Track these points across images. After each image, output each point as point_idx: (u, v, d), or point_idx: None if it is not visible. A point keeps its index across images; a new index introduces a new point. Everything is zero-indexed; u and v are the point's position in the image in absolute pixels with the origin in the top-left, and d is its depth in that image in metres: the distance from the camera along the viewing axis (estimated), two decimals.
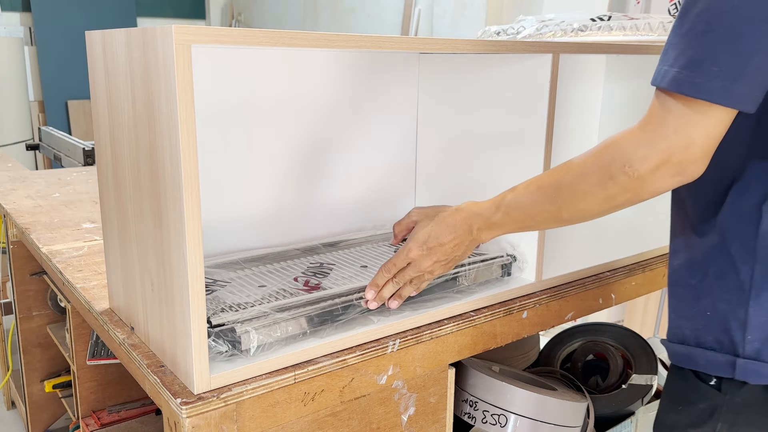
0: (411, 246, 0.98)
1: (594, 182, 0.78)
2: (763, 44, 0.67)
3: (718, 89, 0.68)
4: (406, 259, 0.98)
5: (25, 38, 5.42)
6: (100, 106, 0.98)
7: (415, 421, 1.05)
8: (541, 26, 1.91)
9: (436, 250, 0.97)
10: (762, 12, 0.66)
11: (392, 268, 0.99)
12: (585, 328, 1.73)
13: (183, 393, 0.82)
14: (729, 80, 0.68)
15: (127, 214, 0.95)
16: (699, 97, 0.69)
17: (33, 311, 1.86)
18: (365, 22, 4.88)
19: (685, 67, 0.69)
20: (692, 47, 0.69)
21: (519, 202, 0.89)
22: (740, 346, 0.80)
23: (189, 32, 0.72)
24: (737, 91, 0.68)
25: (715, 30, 0.68)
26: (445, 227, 0.96)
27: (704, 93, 0.69)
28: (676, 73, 0.70)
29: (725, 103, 0.69)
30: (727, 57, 0.67)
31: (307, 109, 1.27)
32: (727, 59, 0.67)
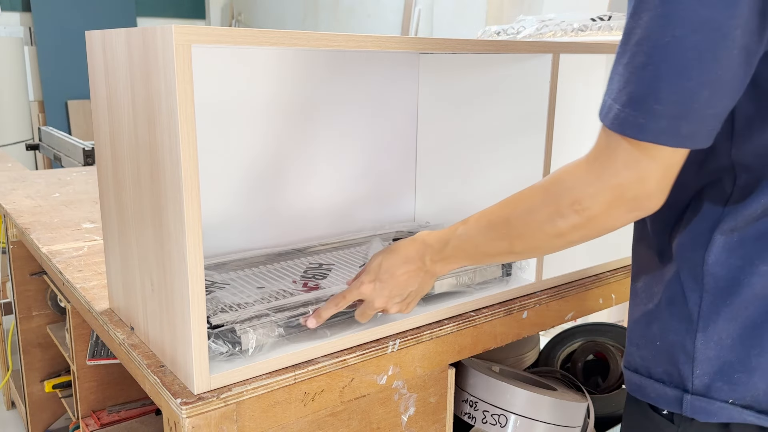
0: (363, 279, 0.92)
1: (543, 219, 0.73)
2: (712, 75, 0.59)
3: (664, 129, 0.61)
4: (357, 294, 0.92)
5: (25, 38, 5.42)
6: (99, 106, 0.98)
7: (415, 421, 1.05)
8: (541, 26, 1.91)
9: (388, 282, 0.90)
10: (707, 39, 0.58)
11: (341, 302, 0.93)
12: (585, 328, 1.73)
13: (183, 393, 0.82)
14: (675, 119, 0.61)
15: (127, 214, 0.95)
16: (643, 139, 0.62)
17: (33, 311, 1.86)
18: (365, 22, 4.88)
19: (627, 105, 0.62)
20: (632, 82, 0.62)
21: (470, 236, 0.84)
22: (689, 381, 0.73)
23: (189, 32, 0.72)
24: (686, 129, 0.62)
25: (655, 63, 0.60)
26: (397, 257, 0.90)
27: (648, 134, 0.62)
28: (618, 111, 0.63)
29: (673, 144, 0.62)
30: (671, 93, 0.60)
31: (307, 109, 1.27)
32: (672, 96, 0.60)
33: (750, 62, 0.61)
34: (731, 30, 0.58)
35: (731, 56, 0.59)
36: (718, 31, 0.58)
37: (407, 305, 0.94)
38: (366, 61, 1.32)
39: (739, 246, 0.69)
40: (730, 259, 0.70)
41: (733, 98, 0.62)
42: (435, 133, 1.40)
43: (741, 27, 0.58)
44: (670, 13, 0.59)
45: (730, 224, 0.70)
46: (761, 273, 0.68)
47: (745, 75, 0.62)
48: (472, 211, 1.31)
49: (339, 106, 1.31)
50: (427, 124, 1.41)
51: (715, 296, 0.71)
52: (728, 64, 0.59)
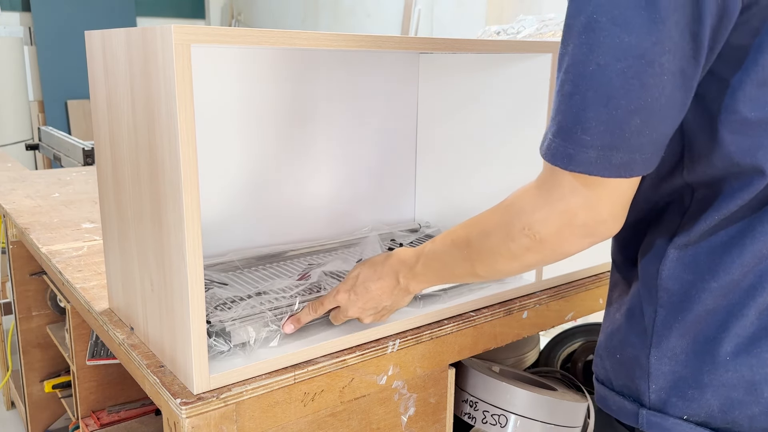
0: (340, 288, 0.93)
1: (497, 242, 0.72)
2: (641, 102, 0.57)
3: (593, 160, 0.59)
4: (333, 302, 0.94)
5: (25, 38, 5.42)
6: (99, 106, 0.98)
7: (415, 421, 1.05)
8: (542, 26, 1.91)
9: (363, 296, 0.91)
10: (632, 67, 0.56)
11: (319, 308, 0.94)
12: (585, 328, 1.72)
13: (183, 393, 0.82)
14: (605, 149, 0.59)
15: (127, 214, 0.95)
16: (574, 170, 0.61)
17: (33, 311, 1.86)
18: (365, 22, 4.88)
19: (557, 134, 0.61)
20: (561, 111, 0.61)
21: (437, 255, 0.84)
22: (645, 396, 0.73)
23: (188, 32, 0.72)
24: (617, 159, 0.59)
25: (582, 92, 0.58)
26: (373, 272, 0.91)
27: (579, 166, 0.60)
28: (550, 141, 0.62)
29: (606, 174, 0.60)
30: (600, 123, 0.58)
31: (306, 110, 1.27)
32: (600, 126, 0.58)
33: (688, 86, 0.59)
34: (657, 56, 0.56)
35: (661, 82, 0.57)
36: (643, 57, 0.56)
37: (381, 317, 0.95)
38: (366, 61, 1.32)
39: (692, 261, 0.68)
40: (684, 273, 0.69)
41: (671, 123, 0.60)
42: (435, 133, 1.40)
43: (670, 52, 0.56)
44: (593, 40, 0.57)
45: (684, 239, 0.69)
46: (712, 289, 0.67)
47: (685, 98, 0.60)
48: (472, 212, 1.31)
49: (339, 106, 1.31)
50: (427, 124, 1.41)
51: (668, 311, 0.70)
52: (659, 91, 0.57)
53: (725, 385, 0.67)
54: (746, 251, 0.65)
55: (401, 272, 0.89)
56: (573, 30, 0.59)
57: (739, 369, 0.66)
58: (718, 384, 0.67)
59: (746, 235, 0.66)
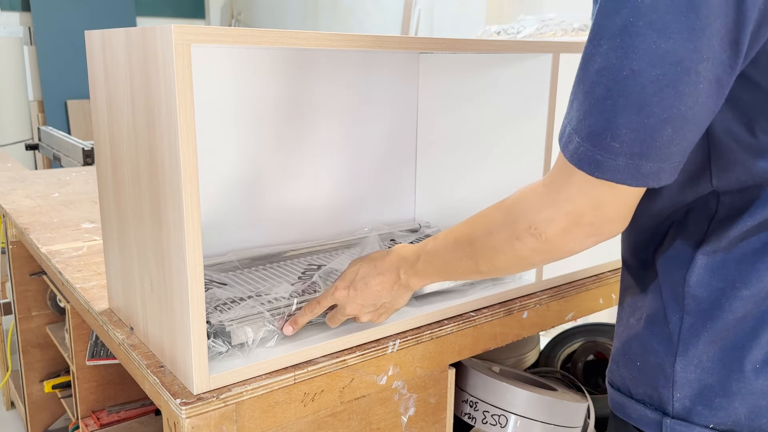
0: (338, 285, 0.92)
1: (502, 241, 0.72)
2: (674, 111, 0.56)
3: (621, 168, 0.59)
4: (332, 300, 0.92)
5: (25, 38, 5.42)
6: (99, 106, 0.98)
7: (415, 421, 1.05)
8: (542, 26, 1.91)
9: (362, 291, 0.90)
10: (668, 74, 0.55)
11: (316, 307, 0.93)
12: (585, 328, 1.73)
13: (182, 393, 0.82)
14: (635, 158, 0.58)
15: (127, 214, 0.95)
16: (600, 177, 0.60)
17: (32, 311, 1.85)
18: (365, 22, 4.88)
19: (587, 139, 0.60)
20: (593, 114, 0.59)
21: (439, 252, 0.83)
22: (669, 404, 0.71)
23: (188, 32, 0.72)
24: (646, 168, 0.59)
25: (614, 97, 0.57)
26: (373, 268, 0.90)
27: (606, 173, 0.60)
28: (578, 145, 0.61)
29: (632, 183, 0.60)
30: (630, 131, 0.57)
31: (306, 109, 1.26)
32: (631, 134, 0.57)
33: (721, 93, 0.58)
34: (694, 64, 0.55)
35: (696, 91, 0.56)
36: (680, 65, 0.55)
37: (379, 315, 0.94)
38: (366, 61, 1.32)
39: (721, 268, 0.67)
40: (713, 281, 0.67)
41: (701, 132, 0.60)
42: (435, 133, 1.40)
43: (708, 60, 0.55)
44: (628, 44, 0.56)
45: (714, 245, 0.67)
46: (743, 297, 0.66)
47: (715, 106, 0.58)
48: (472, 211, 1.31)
49: (339, 106, 1.31)
50: (427, 124, 1.41)
51: (695, 318, 0.69)
52: (693, 100, 0.56)
53: (754, 393, 0.66)
54: None
55: (402, 268, 0.88)
56: (607, 30, 0.57)
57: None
58: (747, 392, 0.66)
59: None
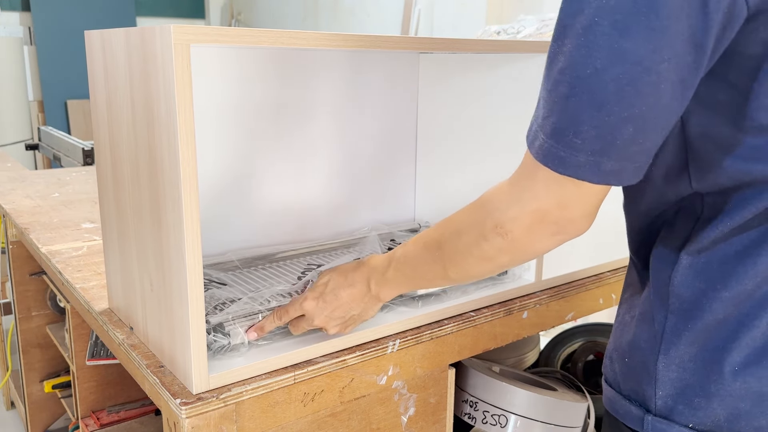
0: (307, 294, 0.91)
1: (470, 242, 0.72)
2: (635, 110, 0.56)
3: (583, 164, 0.59)
4: (300, 309, 0.91)
5: (25, 38, 5.42)
6: (99, 106, 0.98)
7: (415, 421, 1.05)
8: (542, 26, 1.91)
9: (331, 302, 0.89)
10: (628, 73, 0.55)
11: (284, 315, 0.91)
12: (585, 328, 1.72)
13: (182, 393, 0.82)
14: (596, 155, 0.59)
15: (126, 214, 0.95)
16: (563, 173, 0.61)
17: (32, 311, 1.85)
18: (365, 22, 4.88)
19: (550, 136, 0.61)
20: (555, 112, 0.60)
21: (408, 258, 0.83)
22: (651, 402, 0.72)
23: (187, 32, 0.72)
24: (607, 166, 0.59)
25: (577, 95, 0.57)
26: (344, 279, 0.89)
27: (568, 169, 0.60)
28: (542, 142, 0.62)
29: (594, 180, 0.60)
30: (592, 128, 0.58)
31: (306, 109, 1.26)
32: (592, 131, 0.58)
33: (686, 95, 0.58)
34: (655, 64, 0.55)
35: (657, 91, 0.56)
36: (640, 64, 0.55)
37: (346, 327, 0.93)
38: (366, 61, 1.32)
39: (704, 269, 0.67)
40: (695, 281, 0.68)
41: (664, 133, 0.60)
42: (435, 133, 1.40)
43: (669, 61, 0.55)
44: (591, 43, 0.56)
45: (697, 245, 0.68)
46: (723, 299, 0.66)
47: (680, 108, 0.59)
48: None
49: (339, 106, 1.31)
50: (427, 124, 1.41)
51: (678, 318, 0.69)
52: (654, 99, 0.56)
53: (732, 395, 0.66)
54: (761, 261, 0.64)
55: (372, 278, 0.87)
56: (571, 30, 0.58)
57: (748, 380, 0.65)
58: (725, 394, 0.66)
59: (761, 244, 0.64)
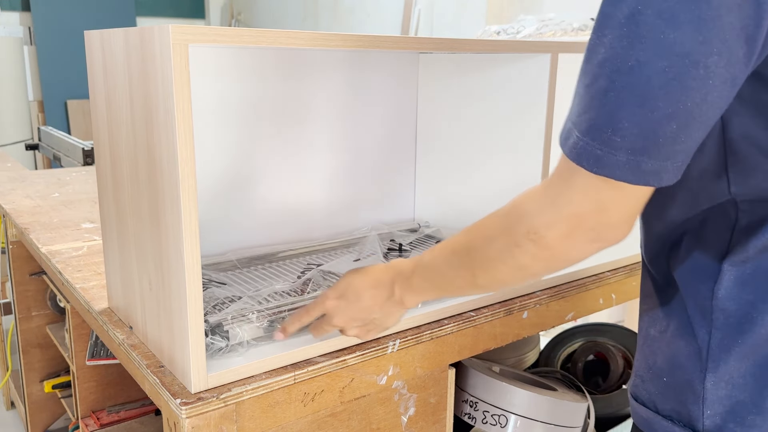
0: (328, 293, 0.87)
1: (501, 248, 0.68)
2: (680, 106, 0.53)
3: (622, 164, 0.55)
4: (321, 309, 0.88)
5: (25, 38, 5.42)
6: (98, 106, 0.98)
7: (415, 421, 1.05)
8: (541, 26, 1.91)
9: (353, 304, 0.85)
10: (675, 66, 0.51)
11: (305, 317, 0.89)
12: (585, 328, 1.72)
13: (182, 393, 0.82)
14: (636, 153, 0.55)
15: (126, 214, 0.95)
16: (599, 173, 0.57)
17: (32, 311, 1.85)
18: (365, 22, 4.88)
19: (586, 133, 0.57)
20: (593, 107, 0.56)
21: (435, 264, 0.79)
22: (699, 422, 0.68)
23: (186, 32, 0.72)
24: (647, 165, 0.55)
25: (617, 89, 0.54)
26: (368, 280, 0.85)
27: (605, 169, 0.56)
28: (577, 140, 0.58)
29: (632, 181, 0.56)
30: (633, 125, 0.54)
31: (305, 109, 1.26)
32: (633, 128, 0.54)
33: (732, 92, 0.55)
34: (703, 57, 0.51)
35: (705, 87, 0.52)
36: (687, 57, 0.51)
37: (367, 332, 0.89)
38: (366, 61, 1.32)
39: (751, 279, 0.63)
40: (742, 293, 0.63)
41: (706, 130, 0.56)
42: (435, 133, 1.40)
43: (719, 54, 0.51)
44: (634, 33, 0.52)
45: (741, 255, 0.63)
46: None
47: (725, 105, 0.55)
48: (472, 212, 1.31)
49: (338, 106, 1.31)
50: (427, 124, 1.41)
51: (725, 333, 0.65)
52: (701, 96, 0.53)
53: None
54: None
55: (397, 282, 0.84)
56: (612, 20, 0.54)
57: None
58: None
59: None
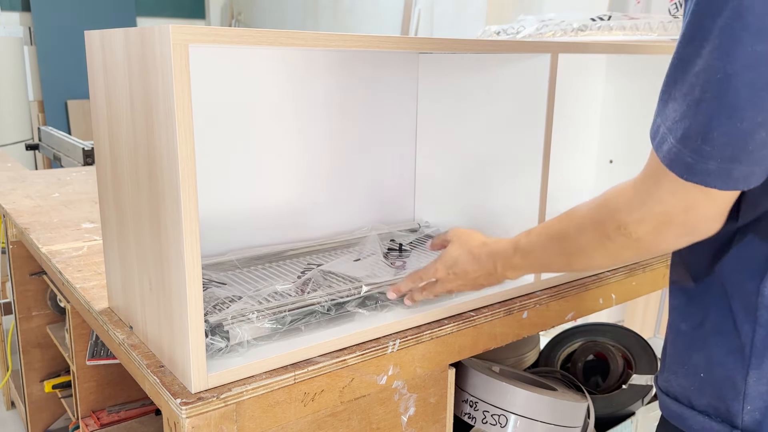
0: (438, 267, 1.00)
1: (592, 239, 0.73)
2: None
3: (712, 172, 0.59)
4: (433, 276, 1.00)
5: (25, 38, 5.42)
6: (99, 106, 0.98)
7: (415, 421, 1.05)
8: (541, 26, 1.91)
9: (461, 276, 0.98)
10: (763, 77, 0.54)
11: (417, 280, 1.02)
12: (585, 328, 1.72)
13: (183, 393, 0.82)
14: (726, 162, 0.58)
15: (126, 214, 0.95)
16: (690, 180, 0.60)
17: (32, 311, 1.85)
18: (365, 22, 4.88)
19: (680, 140, 0.60)
20: (688, 117, 0.59)
21: (533, 248, 0.87)
22: (738, 417, 0.69)
23: (186, 32, 0.72)
24: (737, 172, 0.58)
25: (708, 100, 0.57)
26: (471, 258, 0.97)
27: (696, 176, 0.60)
28: (671, 146, 0.61)
29: (722, 187, 0.60)
30: (722, 135, 0.57)
31: (305, 110, 1.26)
32: (723, 138, 0.57)
33: None
34: None
35: None
36: None
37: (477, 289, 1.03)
38: (366, 61, 1.32)
39: None
40: None
41: None
42: (434, 133, 1.40)
43: None
44: (725, 46, 0.55)
45: None
46: None
47: None
48: (472, 211, 1.31)
49: (338, 106, 1.31)
50: (427, 124, 1.41)
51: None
52: None
53: None
54: None
55: (499, 262, 0.93)
56: (708, 32, 0.57)
57: None
58: None
59: None
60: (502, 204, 1.23)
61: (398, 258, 1.22)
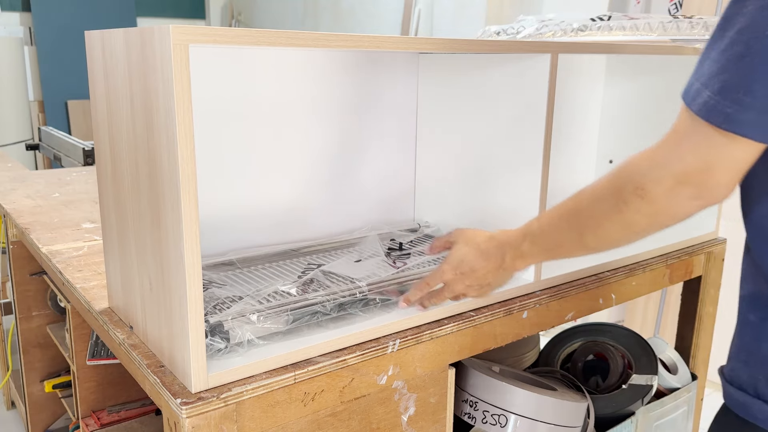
0: (444, 268, 0.98)
1: (609, 206, 0.74)
2: None
3: (752, 122, 0.61)
4: (440, 280, 0.99)
5: (25, 38, 5.42)
6: (99, 106, 0.98)
7: (415, 421, 1.05)
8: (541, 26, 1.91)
9: (468, 275, 0.97)
10: None
11: (425, 287, 1.01)
12: (585, 328, 1.72)
13: (183, 393, 0.82)
14: (763, 113, 0.61)
15: (126, 214, 0.95)
16: (728, 129, 0.63)
17: (33, 311, 1.86)
18: (365, 22, 4.88)
19: (718, 92, 0.63)
20: (728, 70, 0.62)
21: (543, 231, 0.87)
22: None
23: (186, 32, 0.72)
24: None
25: (753, 54, 0.60)
26: (479, 254, 0.96)
27: (733, 125, 0.62)
28: (708, 98, 0.64)
29: (757, 138, 0.62)
30: (763, 87, 0.60)
31: (305, 110, 1.27)
32: (763, 89, 0.60)
33: None
34: None
35: None
36: None
37: (484, 293, 1.01)
38: (366, 61, 1.32)
39: None
40: None
41: None
42: (434, 133, 1.40)
43: None
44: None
45: None
46: None
47: None
48: (472, 211, 1.31)
49: (338, 106, 1.31)
50: (427, 124, 1.41)
51: None
52: None
53: None
54: None
55: (507, 253, 0.93)
56: None
57: None
58: None
59: None
60: (502, 204, 1.23)
61: (399, 258, 1.22)
